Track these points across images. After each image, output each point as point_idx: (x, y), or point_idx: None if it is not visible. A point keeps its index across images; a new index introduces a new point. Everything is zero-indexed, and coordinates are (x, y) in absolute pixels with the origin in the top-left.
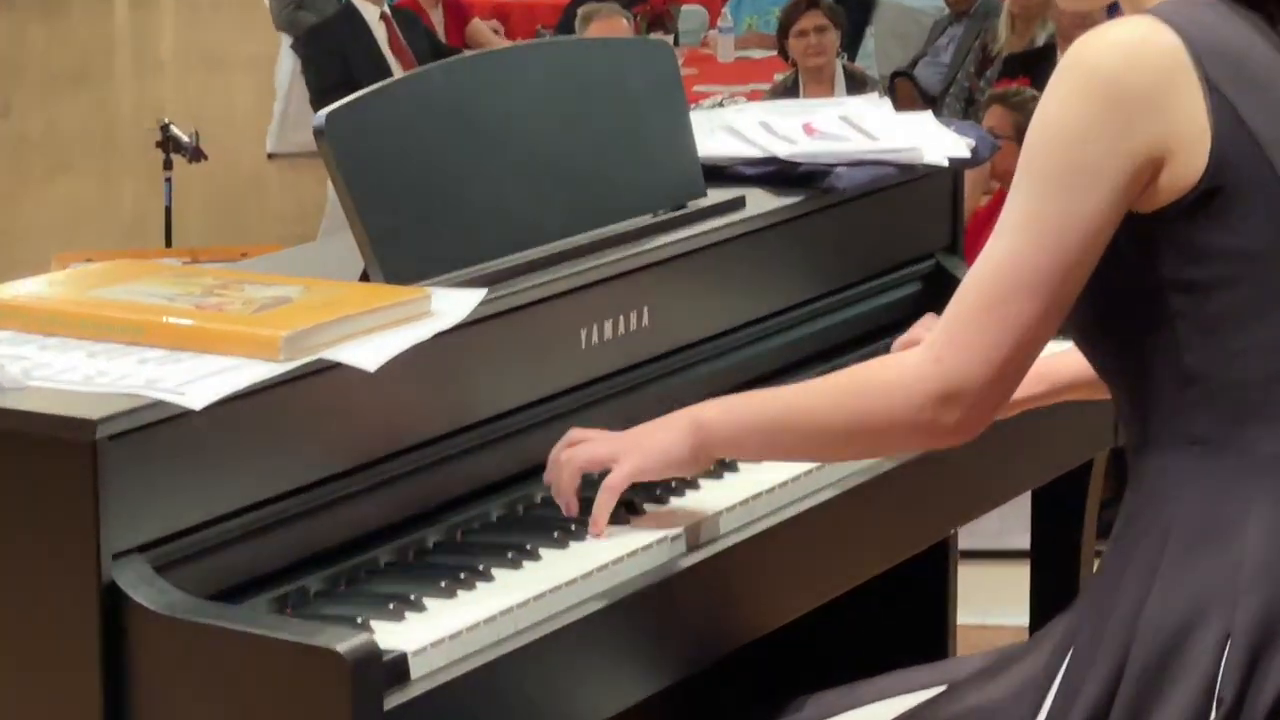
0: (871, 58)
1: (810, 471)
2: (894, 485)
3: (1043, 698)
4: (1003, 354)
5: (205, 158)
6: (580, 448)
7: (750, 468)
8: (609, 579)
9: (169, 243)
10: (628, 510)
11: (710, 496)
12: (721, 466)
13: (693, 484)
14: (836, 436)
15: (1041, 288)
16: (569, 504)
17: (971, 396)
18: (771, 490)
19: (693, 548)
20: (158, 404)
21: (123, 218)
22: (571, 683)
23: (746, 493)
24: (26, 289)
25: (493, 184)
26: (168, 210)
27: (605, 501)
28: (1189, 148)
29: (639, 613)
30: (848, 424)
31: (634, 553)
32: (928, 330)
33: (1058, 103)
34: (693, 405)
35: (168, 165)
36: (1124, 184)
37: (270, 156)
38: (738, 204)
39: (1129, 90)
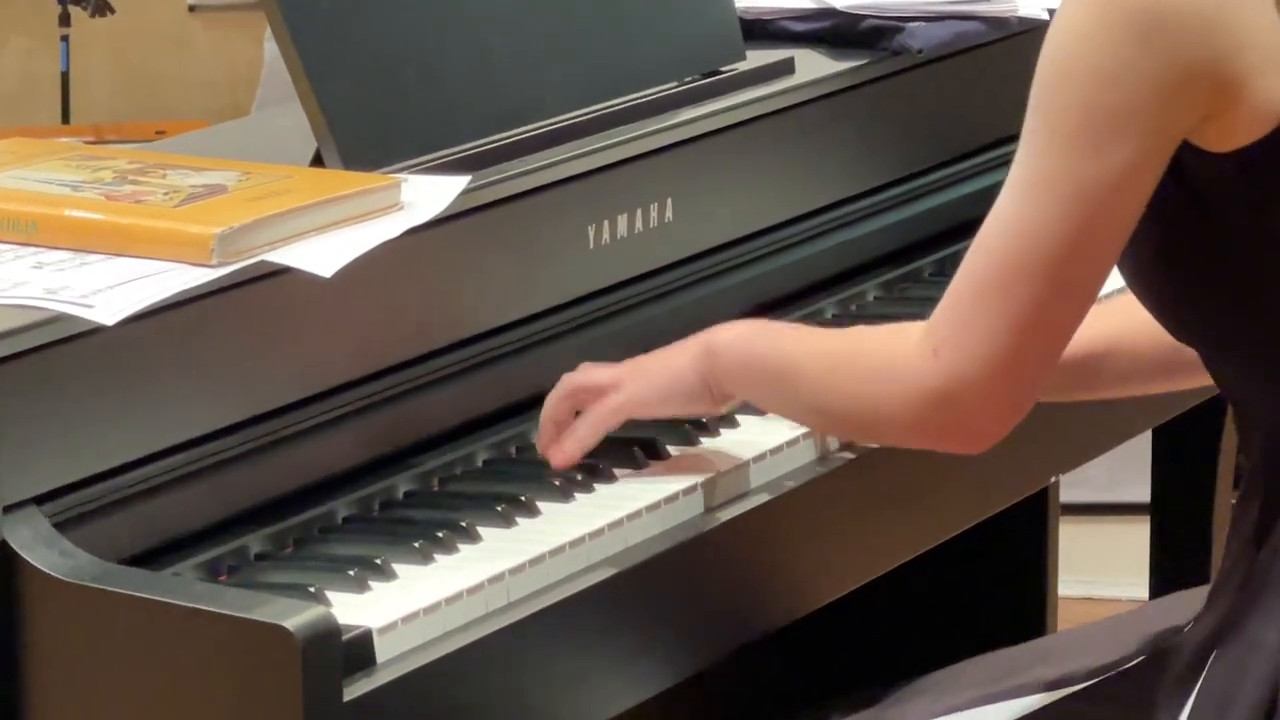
0: None
1: None
2: None
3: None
4: (1009, 350)
5: (111, 10)
6: (577, 373)
7: None
8: (623, 539)
9: (66, 117)
10: (647, 453)
11: (751, 436)
12: None
13: (729, 420)
14: (828, 415)
15: (1057, 267)
16: (545, 445)
17: (973, 401)
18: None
19: (727, 501)
20: (58, 319)
21: (6, 86)
22: (576, 668)
23: (796, 431)
24: None
25: (478, 44)
26: (64, 77)
27: (585, 432)
28: (1269, 68)
29: (661, 582)
30: (839, 406)
31: (655, 506)
32: None
33: (1073, 30)
34: (707, 330)
35: (64, 21)
36: (1165, 128)
37: (192, 9)
38: (784, 69)
39: (1167, 6)
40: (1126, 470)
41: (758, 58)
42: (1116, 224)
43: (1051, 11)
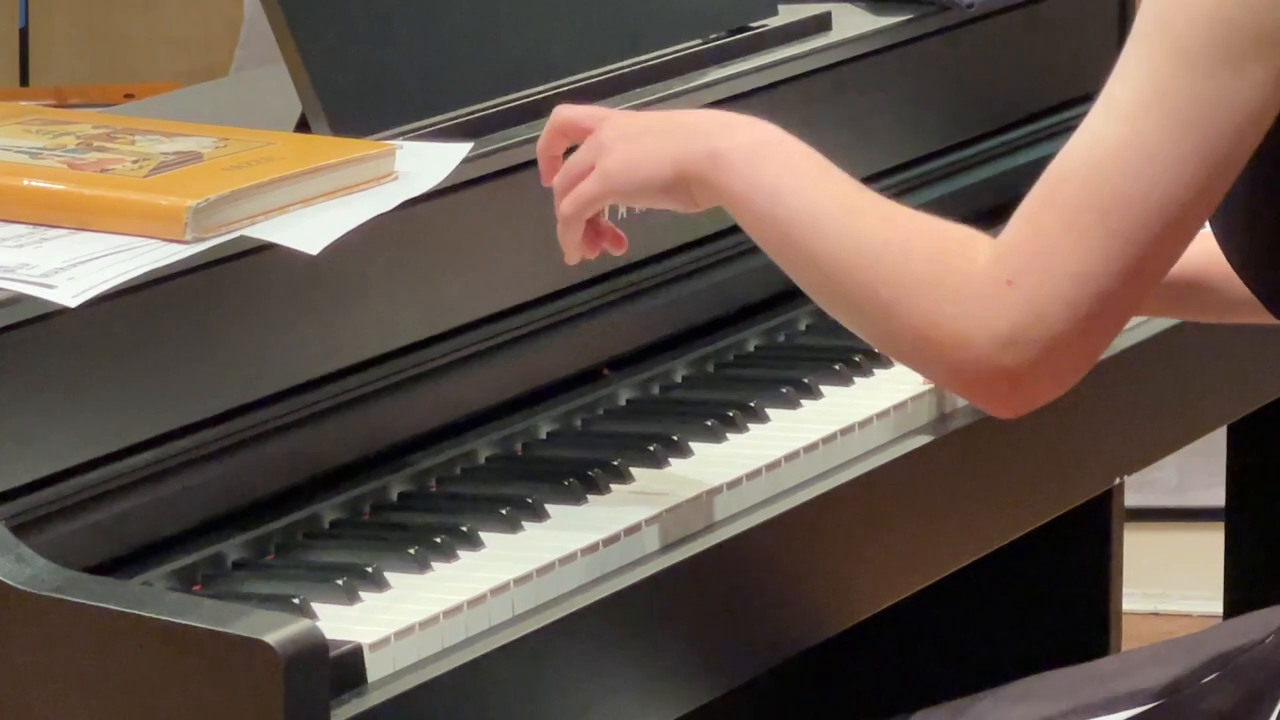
0: None
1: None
2: (1029, 418)
3: None
4: (1100, 293)
5: None
6: (564, 113)
7: (885, 373)
8: (640, 546)
9: (25, 79)
10: (667, 450)
11: (784, 432)
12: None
13: (759, 414)
14: (851, 303)
15: (1168, 199)
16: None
17: (1045, 348)
18: (867, 422)
19: (758, 504)
20: (16, 300)
21: None
22: (588, 689)
23: (832, 427)
24: None
25: None
26: (23, 34)
27: (563, 234)
28: None
29: (683, 594)
30: (873, 301)
31: (676, 509)
32: None
33: None
34: (714, 113)
35: None
36: None
37: None
38: (820, 25)
39: None
40: (1198, 471)
41: (790, 12)
42: (1236, 156)
43: None
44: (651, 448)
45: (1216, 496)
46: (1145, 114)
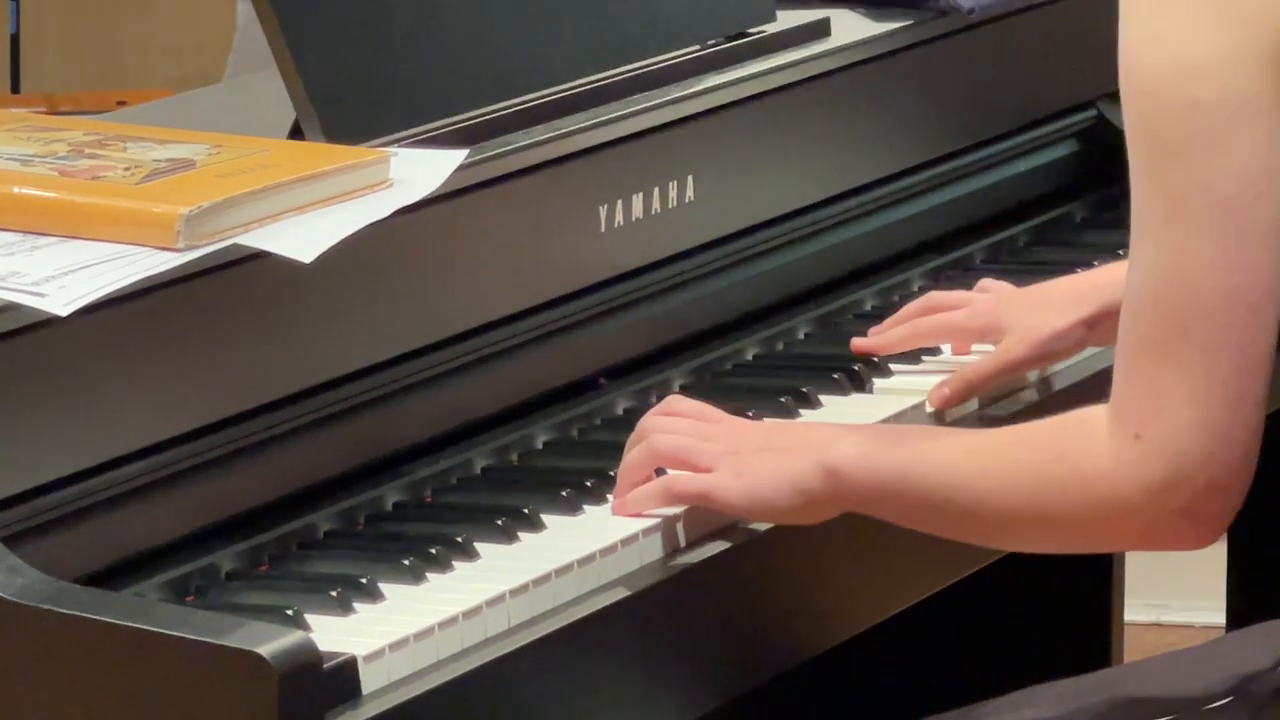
0: None
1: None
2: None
3: None
4: (1221, 403)
5: None
6: (667, 437)
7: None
8: (639, 556)
9: (16, 86)
10: None
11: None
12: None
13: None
14: (1026, 532)
15: (1228, 291)
16: (622, 500)
17: (1202, 476)
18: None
19: None
20: (6, 308)
21: None
22: (584, 702)
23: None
24: None
25: (476, 4)
26: (14, 40)
27: (650, 495)
28: None
29: (682, 605)
30: (1040, 523)
31: (675, 518)
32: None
33: (1143, 34)
34: (819, 426)
35: None
36: (1276, 103)
37: None
38: (818, 31)
39: None
40: None
41: (789, 18)
42: (1271, 225)
43: None
44: None
45: None
46: (1171, 226)
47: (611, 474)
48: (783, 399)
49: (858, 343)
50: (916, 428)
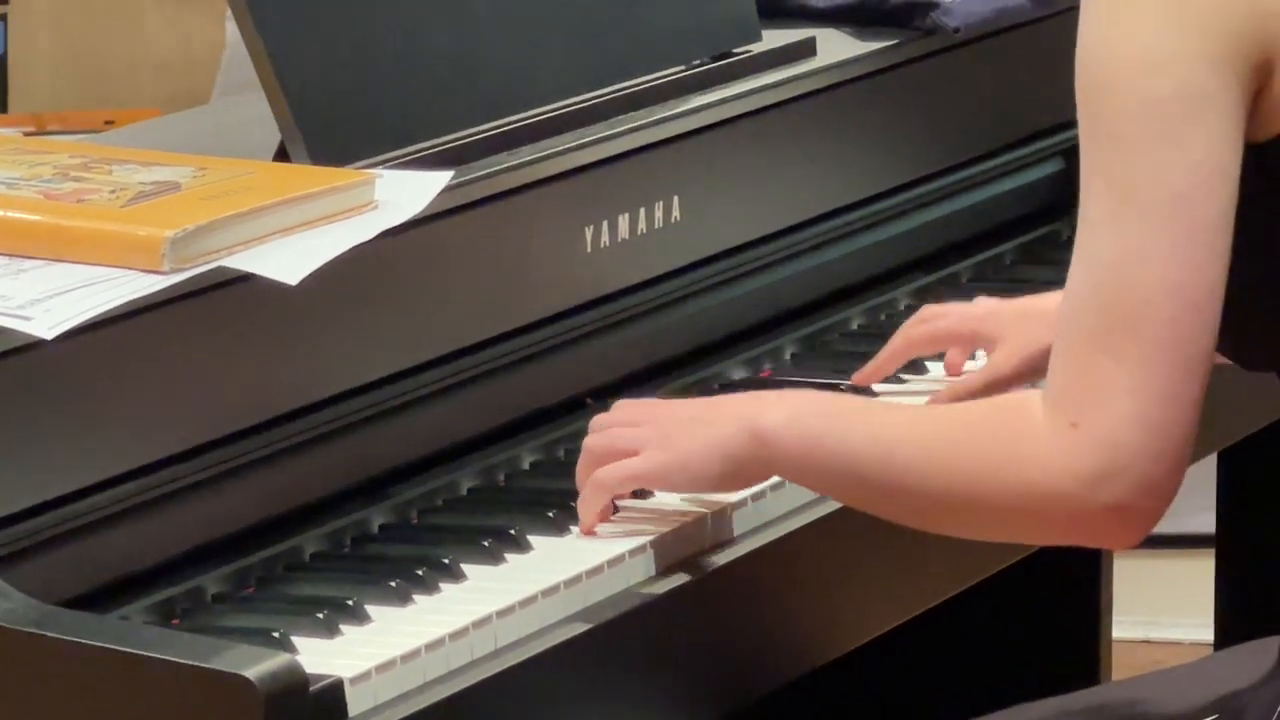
0: None
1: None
2: None
3: None
4: (1160, 396)
5: None
6: (599, 435)
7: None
8: (625, 578)
9: (4, 105)
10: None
11: None
12: None
13: None
14: (956, 513)
15: (1174, 286)
16: (583, 516)
17: (1136, 468)
18: None
19: (744, 534)
20: None
21: None
22: None
23: None
24: None
25: (463, 23)
26: (2, 59)
27: (588, 498)
28: None
29: (668, 626)
30: (972, 504)
31: (660, 540)
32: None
33: (1102, 32)
34: (747, 396)
35: None
36: (1229, 104)
37: None
38: (804, 50)
39: None
40: (1189, 498)
41: (775, 38)
42: (1223, 217)
43: None
44: None
45: (1207, 523)
46: (1121, 220)
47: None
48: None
49: (858, 376)
50: (850, 398)
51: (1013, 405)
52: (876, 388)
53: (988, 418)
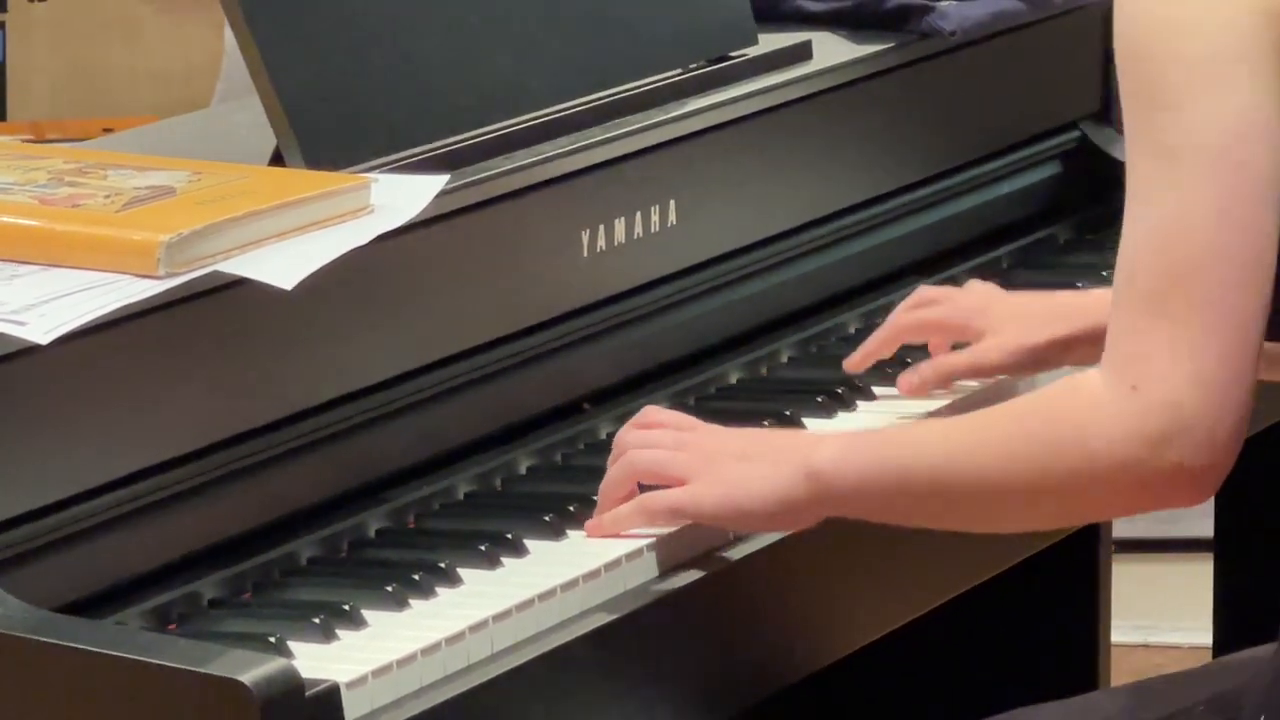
0: None
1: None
2: None
3: None
4: (1217, 355)
5: None
6: (644, 452)
7: (867, 405)
8: (622, 582)
9: (2, 113)
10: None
11: None
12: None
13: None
14: (1022, 503)
15: (1223, 245)
16: (597, 520)
17: (1199, 427)
18: None
19: (741, 537)
20: None
21: None
22: None
23: None
24: None
25: (457, 27)
26: (0, 67)
27: (631, 517)
28: None
29: (664, 630)
30: (1037, 488)
31: (657, 544)
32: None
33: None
34: (791, 433)
35: (0, 5)
36: (1267, 62)
37: None
38: (800, 54)
39: None
40: None
41: (771, 41)
42: (1264, 181)
43: None
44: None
45: (1205, 527)
46: (1165, 184)
47: (595, 499)
48: (766, 423)
49: (848, 362)
50: (895, 425)
51: (1059, 389)
52: (877, 389)
53: (1035, 405)
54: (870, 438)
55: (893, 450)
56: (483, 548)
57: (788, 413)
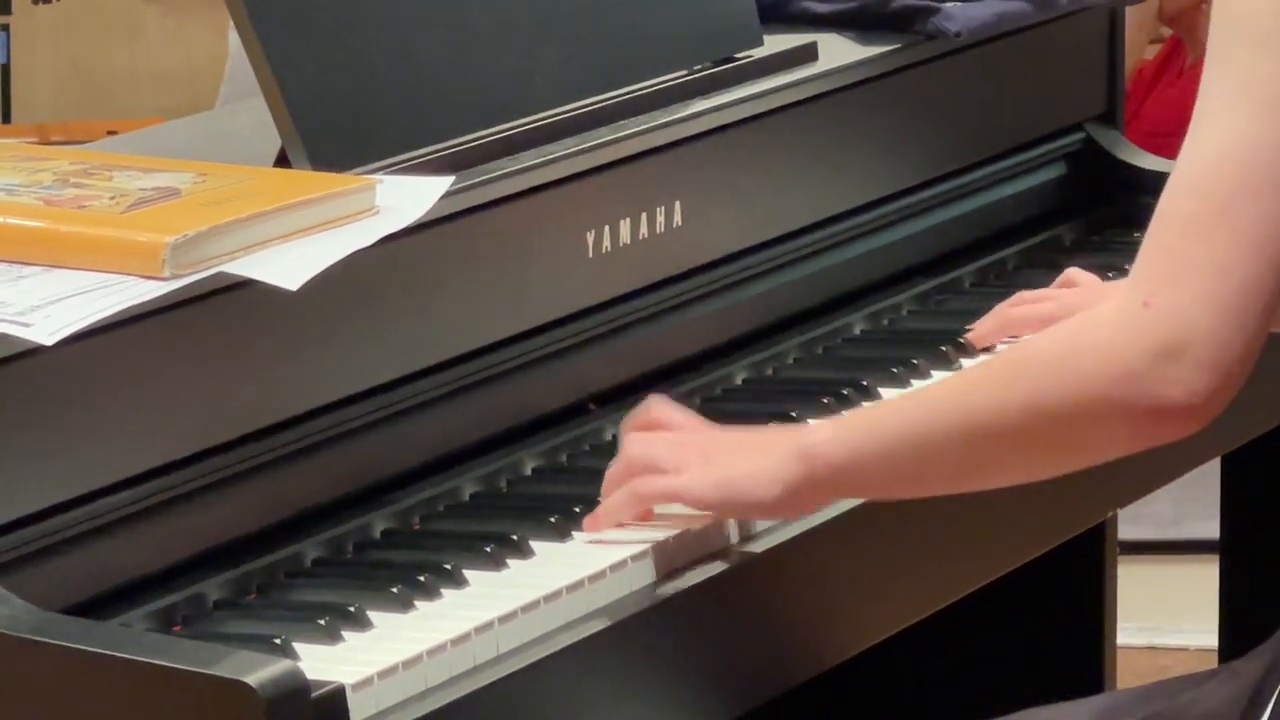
0: None
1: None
2: None
3: None
4: (1239, 281)
5: None
6: (642, 446)
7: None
8: (628, 583)
9: (6, 116)
10: None
11: None
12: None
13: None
14: (1015, 438)
15: (1278, 176)
16: (594, 513)
17: (1204, 348)
18: None
19: (750, 537)
20: None
21: None
22: None
23: None
24: None
25: (463, 29)
26: (4, 70)
27: (624, 503)
28: None
29: (671, 631)
30: (1029, 417)
31: (663, 545)
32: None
33: None
34: (784, 426)
35: (4, 8)
36: None
37: None
38: (806, 55)
39: None
40: (1193, 503)
41: (776, 43)
42: None
43: None
44: None
45: (1212, 529)
46: (1236, 109)
47: (601, 500)
48: (771, 423)
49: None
50: (882, 402)
51: (1066, 323)
52: (882, 390)
53: (1049, 335)
54: (864, 410)
55: (887, 411)
56: (488, 549)
57: (793, 413)
